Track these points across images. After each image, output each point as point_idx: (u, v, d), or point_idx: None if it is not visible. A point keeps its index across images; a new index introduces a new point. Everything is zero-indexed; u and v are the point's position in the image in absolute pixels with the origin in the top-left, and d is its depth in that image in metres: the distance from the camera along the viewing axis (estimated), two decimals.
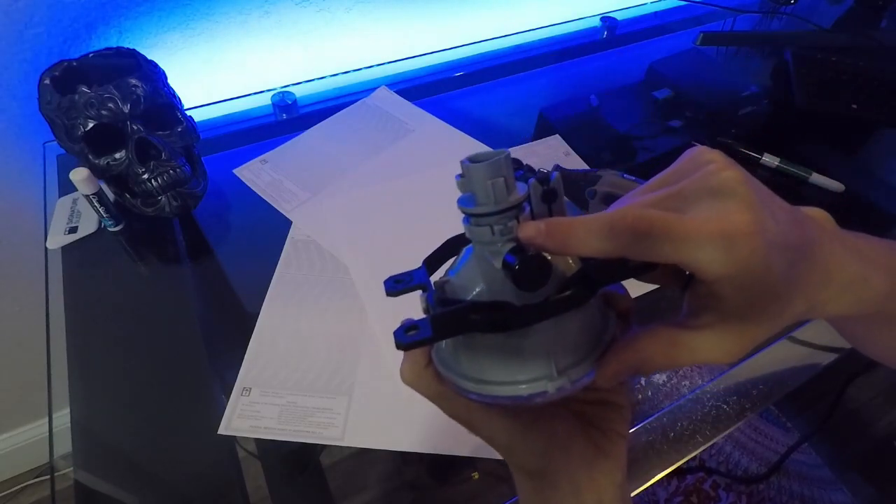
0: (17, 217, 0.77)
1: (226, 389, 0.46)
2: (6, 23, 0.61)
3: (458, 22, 0.90)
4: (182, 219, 0.62)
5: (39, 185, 0.67)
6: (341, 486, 0.43)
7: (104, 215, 0.58)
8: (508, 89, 0.85)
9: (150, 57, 0.60)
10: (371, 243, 0.58)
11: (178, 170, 0.55)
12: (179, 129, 0.58)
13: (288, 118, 0.77)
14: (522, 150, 0.71)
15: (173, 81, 0.61)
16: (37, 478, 1.16)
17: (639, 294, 0.48)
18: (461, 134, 0.73)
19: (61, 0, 0.63)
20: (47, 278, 0.56)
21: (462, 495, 0.43)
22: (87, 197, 0.56)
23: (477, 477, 0.44)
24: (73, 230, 0.59)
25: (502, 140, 0.74)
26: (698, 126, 0.75)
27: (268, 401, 0.45)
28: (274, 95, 0.78)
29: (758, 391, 0.48)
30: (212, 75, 0.77)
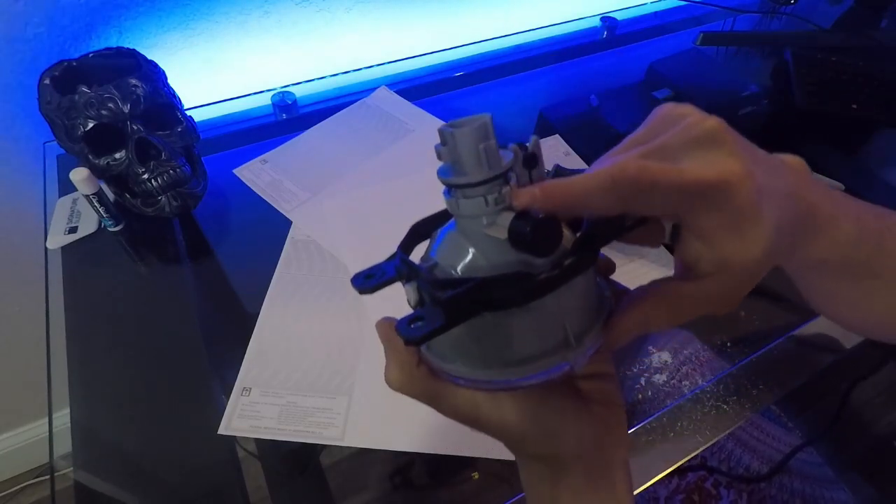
0: (17, 217, 0.77)
1: (226, 389, 0.46)
2: (6, 23, 0.62)
3: (458, 22, 0.90)
4: (182, 219, 0.62)
5: (39, 185, 0.67)
6: (341, 486, 0.43)
7: (104, 215, 0.58)
8: (508, 89, 0.85)
9: (150, 57, 0.60)
10: (371, 243, 0.58)
11: (178, 170, 0.55)
12: (179, 129, 0.58)
13: (288, 118, 0.77)
14: None
15: (173, 81, 0.61)
16: (37, 478, 1.16)
17: None
18: None
19: (61, 0, 0.63)
20: (47, 278, 0.56)
21: (462, 495, 0.43)
22: (87, 197, 0.56)
23: (477, 477, 0.43)
24: (73, 230, 0.59)
25: (502, 140, 0.73)
26: None
27: (268, 401, 0.45)
28: (274, 95, 0.78)
29: (758, 391, 0.48)
30: (212, 75, 0.77)
